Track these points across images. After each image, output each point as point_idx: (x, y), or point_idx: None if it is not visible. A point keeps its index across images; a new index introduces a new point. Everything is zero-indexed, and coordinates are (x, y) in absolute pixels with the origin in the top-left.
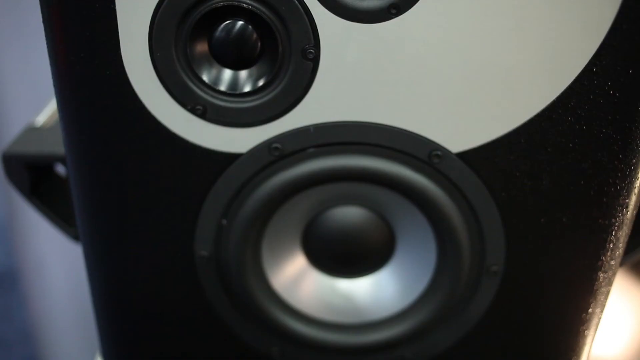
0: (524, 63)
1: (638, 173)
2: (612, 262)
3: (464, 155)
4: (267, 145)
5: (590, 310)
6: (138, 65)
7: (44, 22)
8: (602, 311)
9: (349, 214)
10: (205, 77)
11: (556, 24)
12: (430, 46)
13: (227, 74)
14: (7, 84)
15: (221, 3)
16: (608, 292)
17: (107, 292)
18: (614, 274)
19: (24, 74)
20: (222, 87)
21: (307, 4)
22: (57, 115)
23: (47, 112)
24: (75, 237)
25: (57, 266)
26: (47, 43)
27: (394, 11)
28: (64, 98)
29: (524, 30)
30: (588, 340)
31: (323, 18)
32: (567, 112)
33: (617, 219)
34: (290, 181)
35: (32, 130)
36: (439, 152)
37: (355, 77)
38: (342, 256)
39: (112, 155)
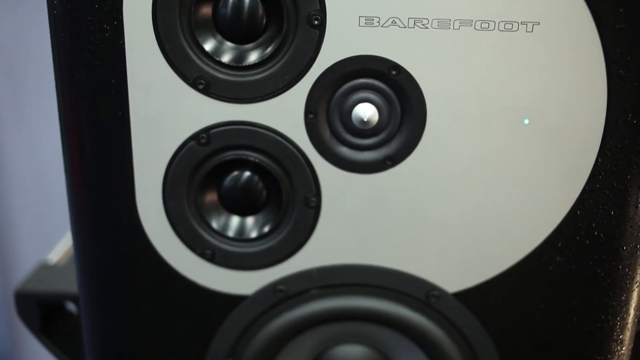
0: (513, 208)
1: (630, 310)
2: None
3: (460, 295)
4: (271, 287)
5: None
6: (151, 212)
7: (65, 170)
8: None
9: (351, 352)
10: (214, 224)
11: (541, 172)
12: (424, 193)
13: (235, 220)
14: (19, 221)
15: (230, 157)
16: None
17: None
18: None
19: (36, 211)
20: (230, 233)
21: (309, 157)
22: (69, 253)
23: (60, 249)
24: None
25: None
26: (67, 188)
27: (389, 162)
28: (80, 242)
29: (511, 178)
30: None
31: (324, 169)
32: (556, 253)
33: (613, 355)
34: (294, 322)
35: (44, 268)
36: (436, 293)
37: (355, 223)
38: None
39: (124, 296)
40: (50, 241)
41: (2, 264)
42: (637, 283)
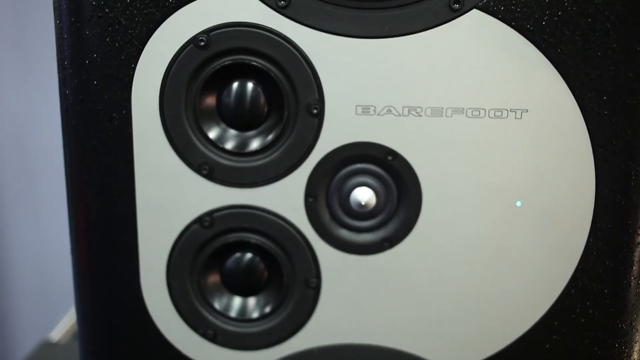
0: (509, 287)
1: None
2: None
3: None
4: None
5: None
6: (155, 292)
7: (72, 251)
8: None
9: None
10: (216, 305)
11: (535, 252)
12: (421, 274)
13: (237, 301)
14: (20, 298)
15: (232, 239)
16: None
17: None
18: None
19: (38, 284)
20: (232, 314)
21: (309, 239)
22: (72, 331)
23: (62, 327)
24: None
25: None
26: (73, 268)
27: (387, 244)
28: (83, 321)
29: (506, 258)
30: None
31: (323, 251)
32: (552, 331)
33: None
34: None
35: (46, 346)
36: None
37: (354, 303)
38: None
39: None
40: (52, 319)
41: (2, 341)
42: None
